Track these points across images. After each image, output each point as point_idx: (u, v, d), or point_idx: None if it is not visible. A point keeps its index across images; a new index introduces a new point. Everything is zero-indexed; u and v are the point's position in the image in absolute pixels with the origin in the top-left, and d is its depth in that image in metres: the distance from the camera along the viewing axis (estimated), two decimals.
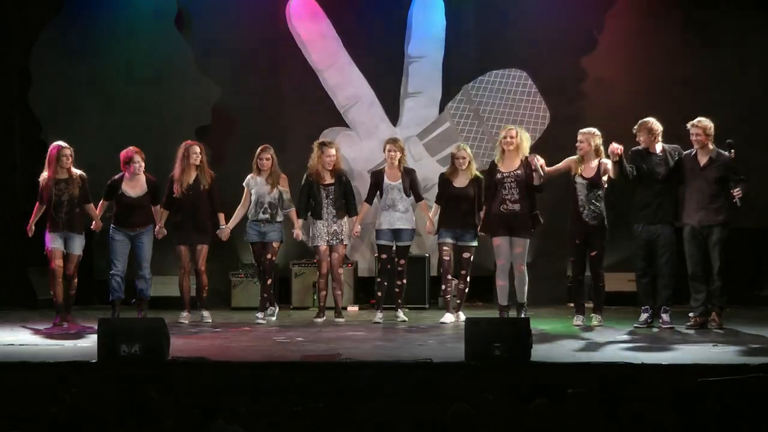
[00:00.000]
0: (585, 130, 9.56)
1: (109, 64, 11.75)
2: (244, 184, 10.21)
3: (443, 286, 10.16)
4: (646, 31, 11.60)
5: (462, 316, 9.79)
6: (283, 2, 11.87)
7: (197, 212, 10.05)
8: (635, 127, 9.43)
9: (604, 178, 9.47)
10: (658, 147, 9.39)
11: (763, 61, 11.45)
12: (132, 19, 11.77)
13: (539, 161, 9.51)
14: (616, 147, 9.11)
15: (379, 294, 10.24)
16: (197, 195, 10.03)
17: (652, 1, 11.69)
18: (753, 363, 7.13)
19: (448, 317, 9.99)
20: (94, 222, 9.94)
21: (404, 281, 10.27)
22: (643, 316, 9.44)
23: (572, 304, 9.98)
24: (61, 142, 9.87)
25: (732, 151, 9.22)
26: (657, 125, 9.39)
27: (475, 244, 10.10)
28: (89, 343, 8.23)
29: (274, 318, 10.33)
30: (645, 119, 9.42)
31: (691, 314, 9.35)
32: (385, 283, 10.22)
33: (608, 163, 9.31)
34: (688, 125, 9.28)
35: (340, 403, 6.83)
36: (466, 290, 10.22)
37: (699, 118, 9.27)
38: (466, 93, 11.82)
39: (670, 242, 9.36)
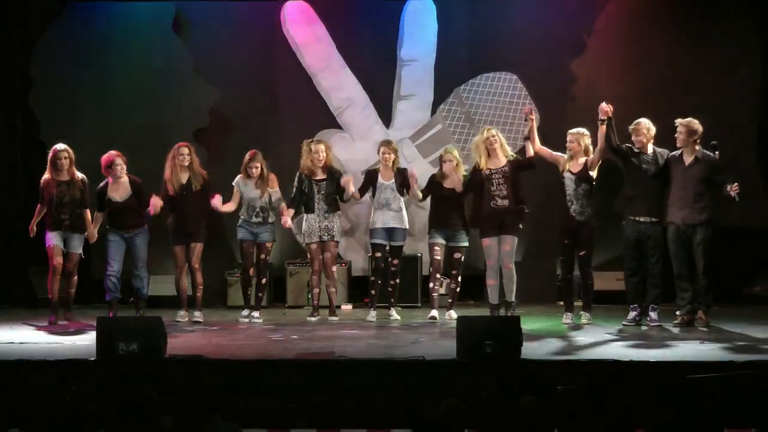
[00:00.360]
0: (574, 130, 9.60)
1: (108, 67, 11.74)
2: (233, 183, 10.18)
3: (431, 284, 10.15)
4: (634, 35, 11.62)
5: (454, 315, 9.81)
6: (278, 7, 11.87)
7: (190, 212, 9.99)
8: (631, 126, 9.45)
9: (593, 173, 9.48)
10: (650, 148, 9.41)
11: (751, 62, 11.47)
12: (130, 23, 11.76)
13: (535, 114, 9.64)
14: (605, 106, 9.19)
15: (373, 292, 10.24)
16: (190, 195, 9.99)
17: (640, 5, 11.71)
18: (739, 360, 7.17)
19: (435, 313, 9.99)
20: (87, 231, 9.89)
21: (398, 281, 10.29)
22: (632, 315, 9.45)
23: (562, 303, 10.00)
24: (59, 145, 9.86)
25: (717, 152, 9.26)
26: (652, 126, 9.42)
27: (465, 244, 10.12)
28: (88, 341, 8.23)
29: (252, 320, 10.19)
30: (640, 120, 9.45)
31: (678, 312, 9.37)
32: (379, 281, 10.22)
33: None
34: (677, 121, 9.32)
35: (335, 401, 6.86)
36: (458, 289, 10.25)
37: (689, 118, 9.30)
38: (457, 95, 11.83)
39: (659, 243, 9.38)
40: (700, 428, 4.88)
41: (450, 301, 10.20)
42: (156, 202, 9.74)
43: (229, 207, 10.13)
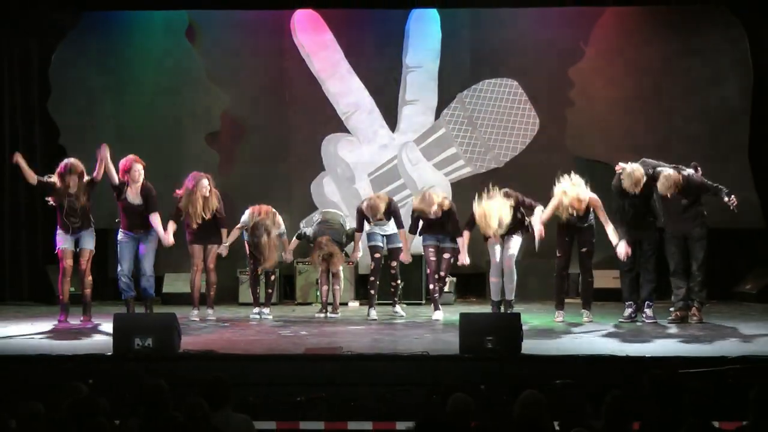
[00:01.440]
0: (572, 195, 9.21)
1: (124, 74, 11.74)
2: (239, 227, 9.91)
3: (431, 286, 10.04)
4: (629, 43, 11.60)
5: (439, 315, 9.68)
6: (288, 15, 11.86)
7: (209, 220, 9.90)
8: (622, 176, 9.22)
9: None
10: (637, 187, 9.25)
11: (742, 68, 11.43)
12: (146, 32, 11.77)
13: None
14: (623, 252, 9.15)
15: (372, 292, 10.14)
16: (206, 218, 9.88)
17: (636, 14, 11.70)
18: (730, 355, 7.15)
19: (438, 314, 9.89)
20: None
21: (398, 282, 10.19)
22: (628, 311, 9.42)
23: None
24: (69, 160, 9.69)
25: (698, 170, 9.25)
26: (638, 173, 9.10)
27: (455, 245, 9.93)
28: (104, 337, 8.24)
29: (263, 316, 10.17)
30: (625, 166, 9.13)
31: (672, 309, 9.35)
32: (378, 282, 10.14)
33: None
34: (659, 185, 9.08)
35: (342, 394, 6.85)
36: (444, 288, 10.10)
37: (662, 175, 9.01)
38: (460, 101, 11.81)
39: (654, 242, 9.34)
40: (693, 421, 4.86)
41: (436, 296, 9.85)
42: (168, 237, 9.68)
43: (231, 237, 9.90)
